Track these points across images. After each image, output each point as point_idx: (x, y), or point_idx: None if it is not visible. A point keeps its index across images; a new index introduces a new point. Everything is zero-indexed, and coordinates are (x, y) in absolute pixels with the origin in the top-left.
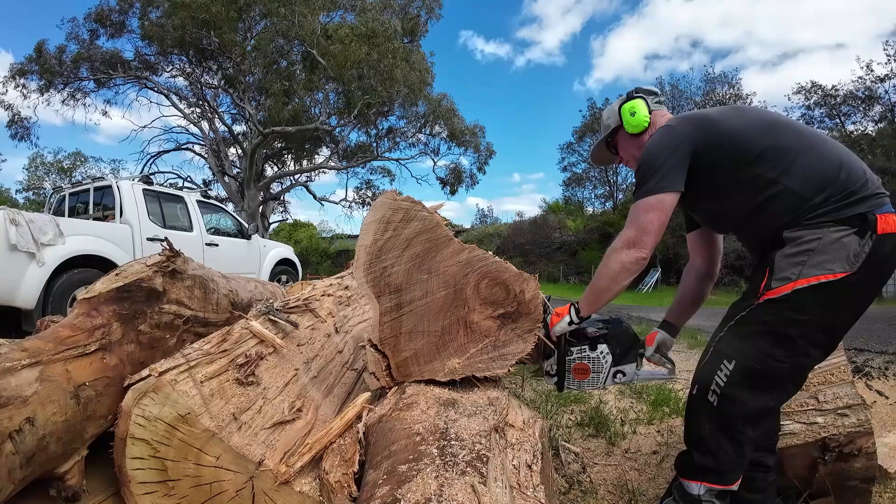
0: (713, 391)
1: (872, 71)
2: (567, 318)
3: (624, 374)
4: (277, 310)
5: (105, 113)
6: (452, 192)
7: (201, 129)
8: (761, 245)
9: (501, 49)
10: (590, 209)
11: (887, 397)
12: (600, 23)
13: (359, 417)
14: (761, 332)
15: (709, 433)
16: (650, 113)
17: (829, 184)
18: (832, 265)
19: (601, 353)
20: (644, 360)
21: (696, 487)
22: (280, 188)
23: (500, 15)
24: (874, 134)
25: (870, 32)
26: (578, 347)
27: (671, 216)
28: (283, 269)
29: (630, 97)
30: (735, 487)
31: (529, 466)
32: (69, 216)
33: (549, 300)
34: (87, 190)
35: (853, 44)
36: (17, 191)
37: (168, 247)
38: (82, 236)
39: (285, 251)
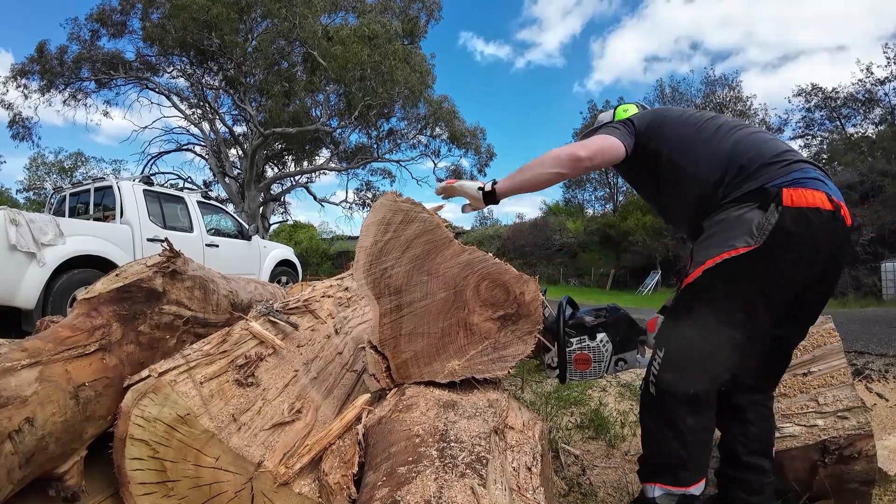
0: (651, 381)
1: (872, 73)
2: (478, 184)
3: (626, 362)
4: (277, 311)
5: (106, 113)
6: None
7: (202, 130)
8: (695, 239)
9: (501, 51)
10: (590, 211)
11: (887, 400)
12: (600, 24)
13: (358, 419)
14: (682, 316)
15: (652, 426)
16: None
17: (728, 166)
18: (735, 241)
19: (601, 341)
20: (646, 346)
21: (651, 490)
22: (280, 189)
23: (499, 17)
24: (874, 136)
25: (870, 34)
26: (578, 338)
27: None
28: (283, 270)
29: (626, 103)
30: (695, 491)
31: (529, 468)
32: (69, 216)
33: (544, 293)
34: (88, 190)
35: (854, 45)
36: (17, 191)
37: (168, 247)
38: (82, 236)
39: (285, 252)
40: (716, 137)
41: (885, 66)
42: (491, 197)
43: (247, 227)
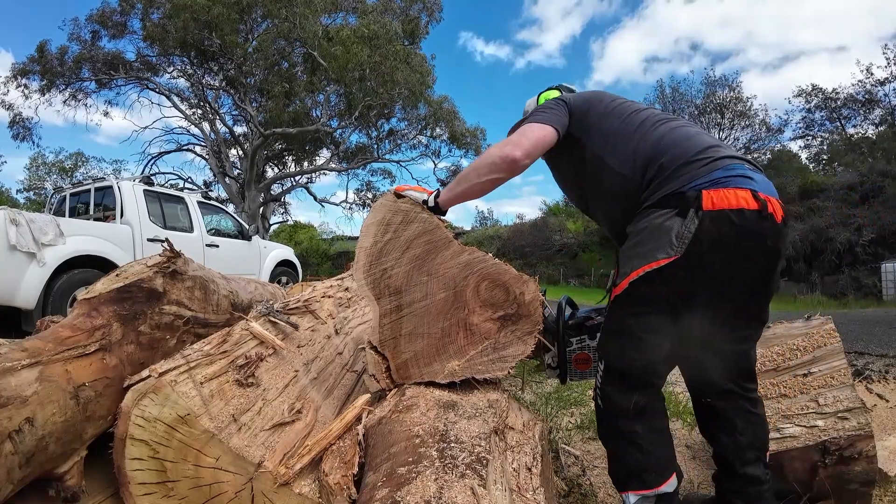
0: (597, 393)
1: (872, 74)
2: (424, 196)
3: None
4: (277, 311)
5: (106, 114)
6: None
7: (202, 130)
8: (620, 242)
9: (501, 51)
10: None
11: (887, 400)
12: (600, 25)
13: (358, 419)
14: (613, 328)
15: (609, 438)
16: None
17: (649, 165)
18: (656, 252)
19: None
20: None
21: (627, 498)
22: (280, 189)
23: (499, 17)
24: (874, 137)
25: (870, 34)
26: (578, 338)
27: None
28: (283, 271)
29: (549, 89)
30: (668, 488)
31: (529, 469)
32: (70, 216)
33: (544, 294)
34: (88, 190)
35: (854, 45)
36: (17, 191)
37: (168, 247)
38: (83, 236)
39: (285, 252)
40: (639, 133)
41: (885, 67)
42: (436, 210)
43: (247, 227)
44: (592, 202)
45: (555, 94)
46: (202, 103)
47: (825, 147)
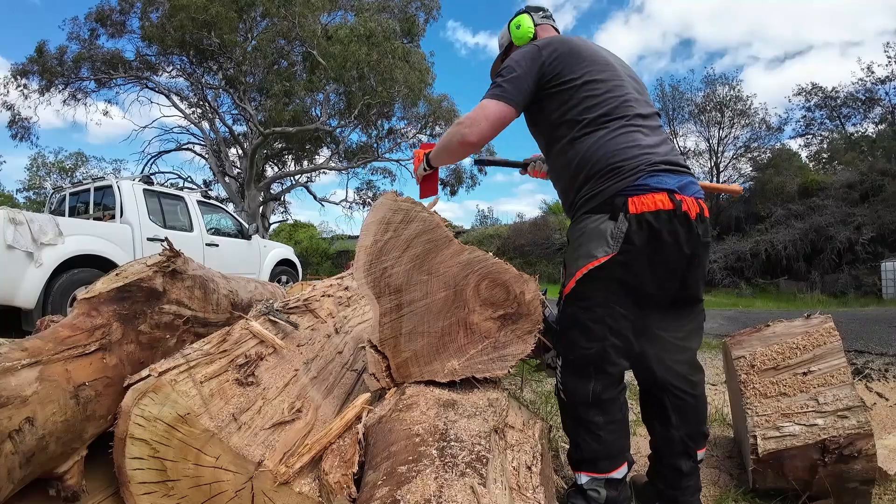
0: (558, 386)
1: (873, 73)
2: (423, 165)
3: None
4: (277, 310)
5: (106, 113)
6: (453, 193)
7: (202, 130)
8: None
9: (495, 45)
10: None
11: (887, 399)
12: (593, 17)
13: (358, 418)
14: (567, 325)
15: (568, 425)
16: (535, 26)
17: (582, 168)
18: (595, 251)
19: None
20: None
21: (579, 477)
22: (280, 189)
23: (496, 14)
24: (874, 136)
25: (879, 30)
26: None
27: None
28: (283, 270)
29: (517, 14)
30: (617, 475)
31: (529, 468)
32: (69, 216)
33: (545, 293)
34: (88, 190)
35: (867, 42)
36: (17, 190)
37: (168, 247)
38: (82, 236)
39: (285, 251)
40: (582, 133)
41: (886, 66)
42: (430, 166)
43: (247, 226)
44: (552, 173)
45: (526, 22)
46: (201, 102)
47: (825, 145)
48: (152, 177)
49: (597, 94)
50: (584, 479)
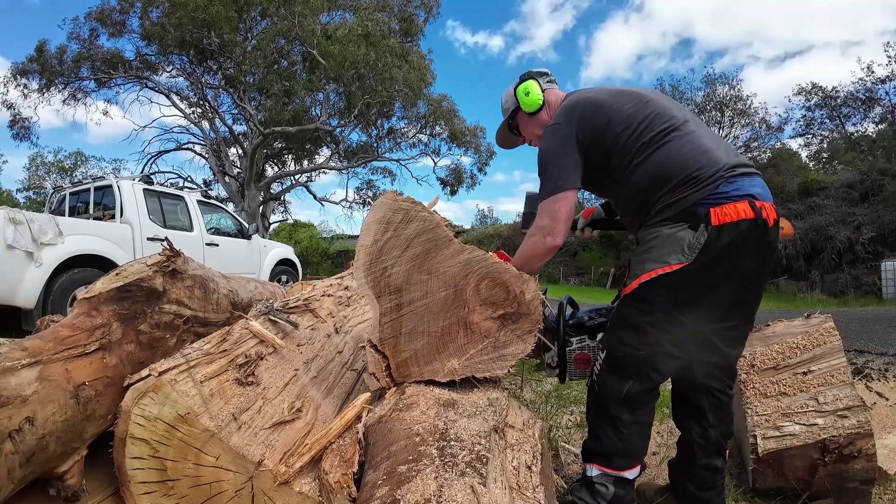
0: (593, 378)
1: (873, 72)
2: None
3: None
4: (277, 310)
5: (106, 113)
6: (453, 193)
7: (202, 129)
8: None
9: (494, 44)
10: None
11: (887, 399)
12: (591, 18)
13: (358, 418)
14: (621, 323)
15: (593, 418)
16: (543, 92)
17: (659, 180)
18: (669, 258)
19: (601, 341)
20: None
21: (590, 469)
22: (280, 188)
23: (494, 12)
24: (874, 135)
25: (878, 29)
26: (578, 338)
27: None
28: (283, 270)
29: (522, 79)
30: (629, 475)
31: (529, 467)
32: (69, 216)
33: (545, 293)
34: (88, 189)
35: (867, 41)
36: (17, 190)
37: (168, 246)
38: (82, 236)
39: (285, 251)
40: (650, 148)
41: (886, 65)
42: None
43: (247, 226)
44: (608, 195)
45: (534, 88)
46: (201, 102)
47: (825, 145)
48: (152, 176)
49: (638, 119)
50: (594, 471)
